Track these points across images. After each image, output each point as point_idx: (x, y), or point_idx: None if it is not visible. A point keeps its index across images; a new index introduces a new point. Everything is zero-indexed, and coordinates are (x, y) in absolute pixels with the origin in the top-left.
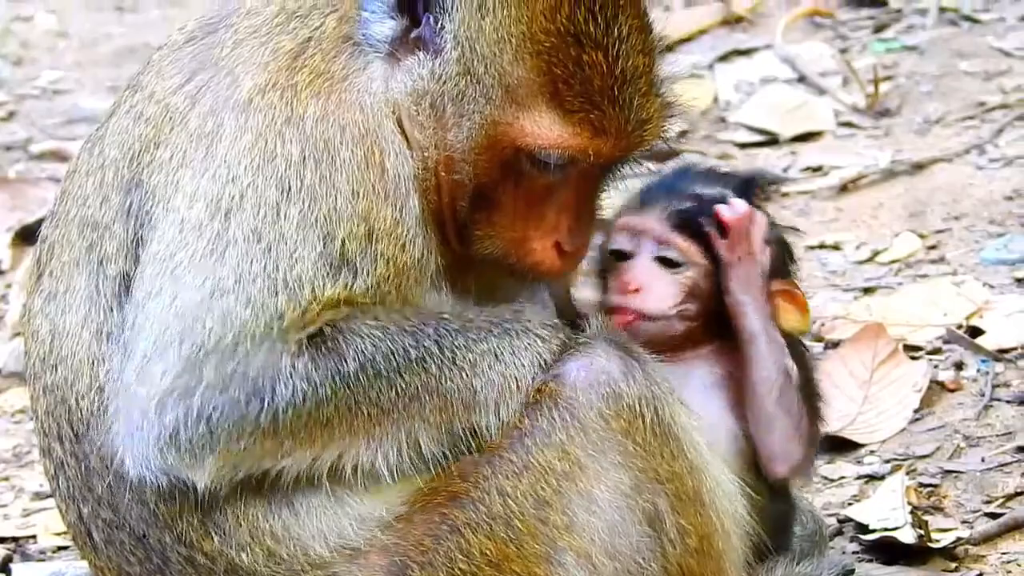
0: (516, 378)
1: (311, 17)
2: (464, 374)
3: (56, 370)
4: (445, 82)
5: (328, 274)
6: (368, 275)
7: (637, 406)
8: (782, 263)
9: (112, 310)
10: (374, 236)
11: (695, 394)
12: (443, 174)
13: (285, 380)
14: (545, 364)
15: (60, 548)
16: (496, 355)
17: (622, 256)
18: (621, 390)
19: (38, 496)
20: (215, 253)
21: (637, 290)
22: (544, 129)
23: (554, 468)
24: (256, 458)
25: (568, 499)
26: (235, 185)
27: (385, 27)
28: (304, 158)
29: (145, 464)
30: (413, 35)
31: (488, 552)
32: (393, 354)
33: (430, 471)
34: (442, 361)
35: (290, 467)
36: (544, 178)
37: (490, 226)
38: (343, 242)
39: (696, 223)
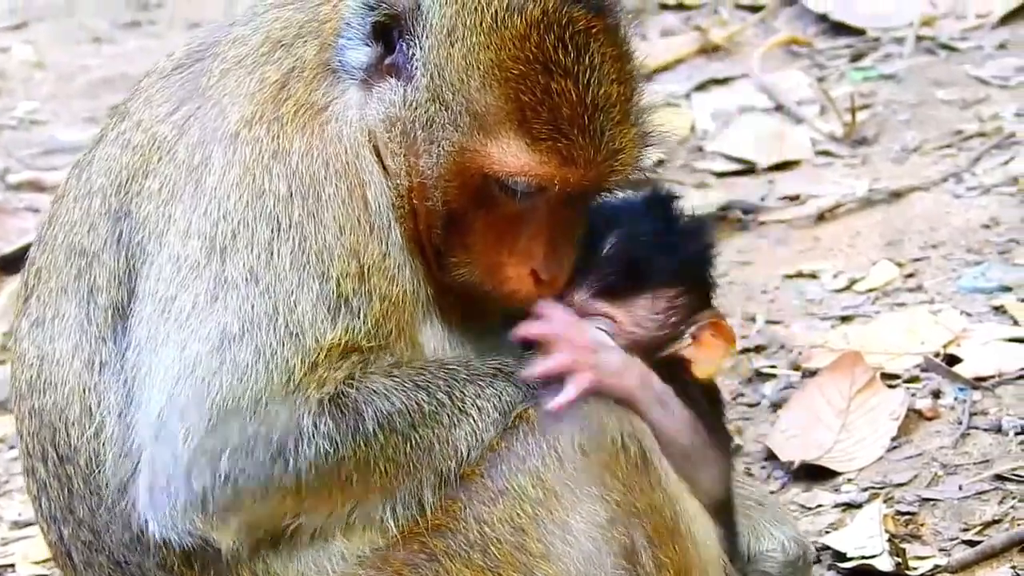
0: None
1: (295, 46)
2: (472, 419)
3: (44, 394)
4: (416, 108)
5: (327, 318)
6: (366, 317)
7: (619, 439)
8: (704, 287)
9: (105, 340)
10: (365, 272)
11: None
12: (416, 201)
13: (308, 440)
14: None
15: None
16: (500, 396)
17: None
18: (603, 423)
19: (17, 525)
20: (217, 298)
21: None
22: (511, 156)
23: (529, 494)
24: (277, 517)
25: (545, 527)
26: (227, 222)
27: (360, 54)
28: (291, 194)
29: (172, 527)
30: (387, 62)
31: None
32: (408, 411)
33: (424, 512)
34: (452, 410)
35: (306, 523)
36: (515, 205)
37: (465, 252)
38: (338, 282)
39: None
